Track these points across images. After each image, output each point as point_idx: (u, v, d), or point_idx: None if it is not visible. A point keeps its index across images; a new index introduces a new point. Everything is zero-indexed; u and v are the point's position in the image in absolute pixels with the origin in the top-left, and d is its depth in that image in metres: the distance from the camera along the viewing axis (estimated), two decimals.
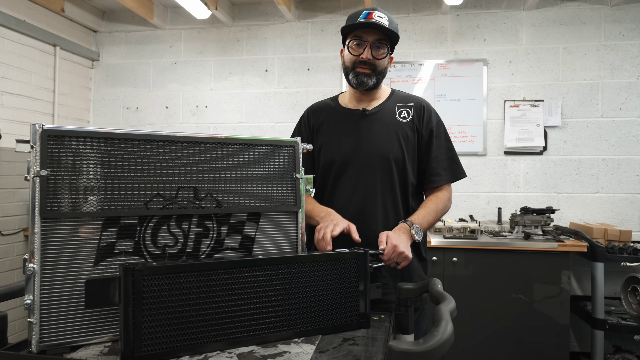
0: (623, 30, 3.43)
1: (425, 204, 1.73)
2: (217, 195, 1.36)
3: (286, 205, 1.46)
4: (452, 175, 1.76)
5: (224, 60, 3.95)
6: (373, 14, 1.61)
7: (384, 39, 1.62)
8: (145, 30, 4.08)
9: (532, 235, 2.97)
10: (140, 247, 1.27)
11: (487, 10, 3.60)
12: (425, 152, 1.74)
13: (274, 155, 1.45)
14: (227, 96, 3.94)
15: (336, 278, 1.35)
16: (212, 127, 3.95)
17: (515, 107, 3.53)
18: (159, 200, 1.28)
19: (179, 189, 1.31)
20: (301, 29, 3.85)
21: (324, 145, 1.76)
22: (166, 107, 4.03)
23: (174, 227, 1.32)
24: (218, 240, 1.38)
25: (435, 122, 1.76)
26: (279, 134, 3.86)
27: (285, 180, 1.47)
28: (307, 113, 1.88)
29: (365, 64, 1.64)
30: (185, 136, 1.32)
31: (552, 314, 2.87)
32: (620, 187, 3.43)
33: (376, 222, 1.69)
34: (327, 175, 1.76)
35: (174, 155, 1.29)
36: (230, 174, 1.37)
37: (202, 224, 1.36)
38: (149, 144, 1.26)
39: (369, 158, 1.70)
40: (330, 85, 3.79)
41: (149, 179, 1.26)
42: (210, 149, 1.36)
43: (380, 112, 1.74)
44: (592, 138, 3.47)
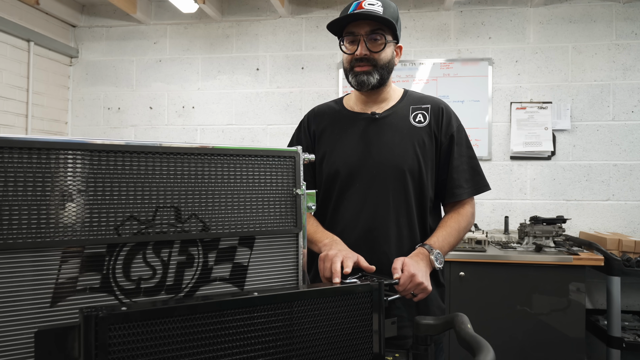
0: (635, 28, 3.25)
1: (445, 222, 1.50)
2: (203, 216, 1.13)
3: (285, 226, 1.23)
4: (475, 188, 1.54)
5: (213, 58, 3.71)
6: (363, 3, 1.39)
7: (379, 28, 1.40)
8: (128, 26, 3.81)
9: (543, 247, 2.78)
10: (109, 282, 1.03)
11: (493, 6, 3.40)
12: (445, 162, 1.51)
13: (271, 167, 1.22)
14: (215, 96, 3.70)
15: (346, 316, 1.13)
16: (199, 129, 3.70)
17: (522, 109, 3.34)
18: (132, 224, 1.04)
19: (157, 209, 1.08)
20: (295, 25, 3.62)
21: (327, 154, 1.53)
22: (150, 108, 3.77)
23: (151, 255, 1.08)
24: (204, 270, 1.14)
25: (456, 126, 1.54)
26: (271, 136, 3.62)
27: (283, 197, 1.23)
28: (308, 118, 1.64)
29: (362, 61, 1.42)
30: (164, 146, 1.08)
31: (566, 330, 2.67)
32: (632, 195, 3.26)
33: (388, 244, 1.46)
34: (330, 188, 1.53)
35: (151, 169, 1.06)
36: (219, 191, 1.14)
37: (186, 250, 1.12)
38: (120, 156, 1.03)
39: (379, 169, 1.47)
40: (326, 85, 3.56)
41: (120, 198, 1.02)
42: (194, 162, 1.12)
43: (392, 116, 1.51)
44: (602, 142, 3.29)
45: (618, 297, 2.71)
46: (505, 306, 2.71)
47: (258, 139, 3.64)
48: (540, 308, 2.70)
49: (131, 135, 3.78)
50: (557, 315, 2.68)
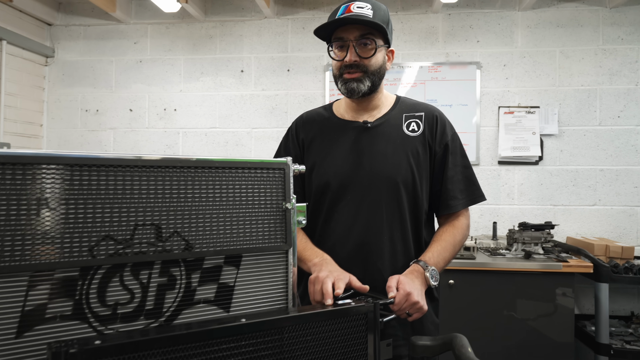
0: (622, 33, 3.26)
1: (440, 236, 1.44)
2: (186, 234, 1.05)
3: (274, 243, 1.15)
4: (470, 199, 1.48)
5: (195, 59, 3.60)
6: (352, 6, 1.32)
7: (369, 32, 1.33)
8: (107, 25, 3.68)
9: (532, 254, 2.75)
10: (82, 308, 0.94)
11: (481, 9, 3.37)
12: (439, 172, 1.45)
13: (259, 180, 1.15)
14: (198, 98, 3.59)
15: (340, 339, 1.06)
16: (181, 133, 3.59)
17: (510, 113, 3.32)
18: (108, 244, 0.96)
19: (136, 227, 0.99)
20: (281, 26, 3.54)
21: (316, 165, 1.45)
22: (130, 110, 3.64)
23: (129, 278, 1.00)
24: (187, 292, 1.06)
25: (451, 135, 1.48)
26: (256, 140, 3.53)
27: (272, 212, 1.16)
28: (296, 125, 1.56)
29: (352, 68, 1.35)
30: (144, 159, 1.00)
31: (555, 336, 2.65)
32: (618, 200, 3.26)
33: (382, 260, 1.39)
34: (320, 200, 1.46)
35: (129, 184, 0.97)
36: (203, 206, 1.06)
37: (167, 272, 1.04)
38: (94, 170, 0.94)
39: (372, 181, 1.40)
40: (312, 88, 3.49)
41: (95, 216, 0.94)
42: (176, 175, 1.04)
43: (384, 125, 1.45)
44: (589, 147, 3.28)
45: (606, 304, 2.69)
46: (495, 314, 2.68)
47: (242, 143, 3.54)
48: (529, 315, 2.67)
49: (110, 139, 3.64)
50: (546, 322, 2.66)
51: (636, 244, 3.23)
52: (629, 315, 3.17)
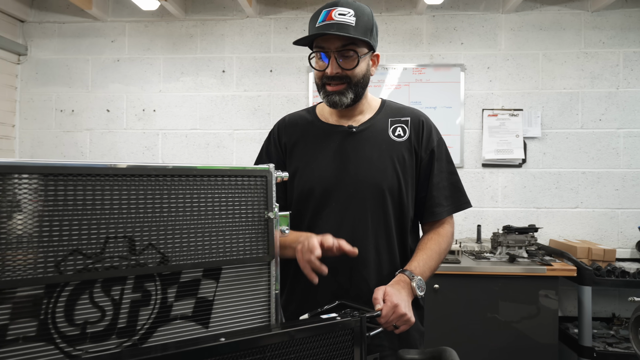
0: (603, 37, 3.28)
1: (425, 244, 1.40)
2: (161, 247, 0.99)
3: (255, 254, 1.10)
4: (455, 206, 1.45)
5: (175, 59, 3.50)
6: (332, 13, 1.26)
7: (352, 42, 1.28)
8: (83, 22, 3.56)
9: (517, 257, 2.74)
10: (47, 329, 0.88)
11: (465, 11, 3.36)
12: (424, 178, 1.42)
13: (239, 189, 1.09)
14: (178, 99, 3.50)
15: (326, 355, 1.01)
16: (160, 134, 3.49)
17: (494, 116, 3.31)
18: (77, 259, 0.89)
19: (107, 240, 0.93)
20: (263, 26, 3.47)
21: (299, 170, 1.40)
22: (107, 111, 3.53)
23: (99, 295, 0.93)
24: (163, 308, 1.00)
25: (437, 140, 1.44)
26: (238, 142, 3.45)
27: (253, 222, 1.11)
28: (278, 128, 1.50)
29: (334, 79, 1.30)
30: (116, 167, 0.93)
31: (540, 338, 2.65)
32: (599, 202, 3.29)
33: (367, 269, 1.35)
34: (303, 208, 1.41)
35: (99, 194, 0.91)
36: (180, 217, 1.00)
37: (141, 287, 0.98)
38: (61, 180, 0.87)
39: (357, 187, 1.36)
40: (295, 89, 3.43)
41: (62, 228, 0.87)
42: (151, 184, 0.98)
43: (369, 130, 1.40)
44: (571, 150, 3.30)
45: (589, 306, 2.70)
46: (480, 317, 2.66)
47: (224, 145, 3.46)
48: (514, 318, 2.66)
49: (86, 140, 3.52)
50: (530, 325, 2.65)
51: (617, 246, 3.25)
52: (610, 317, 3.19)
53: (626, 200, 3.27)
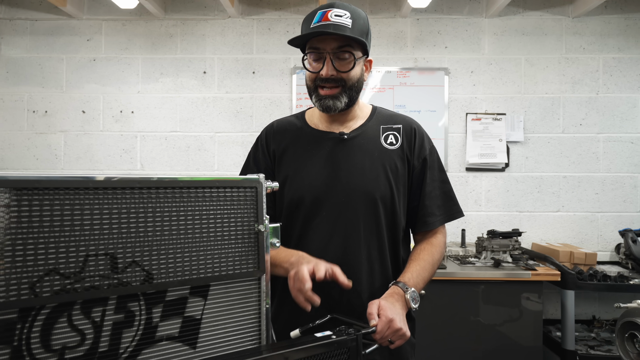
0: (584, 43, 3.33)
1: (418, 254, 1.37)
2: (145, 264, 0.93)
3: (245, 269, 1.05)
4: (447, 215, 1.42)
5: (154, 59, 3.40)
6: (329, 14, 1.23)
7: (348, 44, 1.25)
8: (57, 20, 3.42)
9: (501, 262, 2.75)
10: (21, 356, 0.81)
11: (449, 15, 3.36)
12: (417, 187, 1.39)
13: (228, 201, 1.04)
14: (157, 100, 3.39)
15: None
16: (139, 136, 3.38)
17: (477, 120, 3.32)
18: (54, 280, 0.83)
19: (87, 258, 0.87)
20: (245, 27, 3.40)
21: (289, 178, 1.36)
22: (83, 112, 3.40)
23: (78, 317, 0.87)
24: (148, 329, 0.95)
25: (429, 148, 1.42)
26: (220, 145, 3.37)
27: (243, 235, 1.05)
28: (266, 134, 1.45)
29: (329, 82, 1.27)
30: (96, 180, 0.87)
31: (525, 342, 2.66)
32: (580, 206, 3.33)
33: (359, 281, 1.31)
34: (293, 216, 1.36)
35: (78, 209, 0.84)
36: (167, 232, 0.94)
37: (124, 307, 0.92)
38: (36, 194, 0.80)
39: (349, 196, 1.31)
40: (278, 92, 3.37)
41: (37, 247, 0.81)
42: (134, 198, 0.91)
43: (361, 137, 1.36)
44: (553, 154, 3.33)
45: (572, 310, 2.73)
46: (466, 322, 2.65)
47: (205, 148, 3.37)
48: (499, 323, 2.66)
49: (60, 142, 3.39)
50: (515, 329, 2.66)
51: (597, 249, 3.30)
52: (591, 319, 3.23)
53: (605, 204, 3.32)
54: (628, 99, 3.32)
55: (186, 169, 3.37)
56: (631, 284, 2.73)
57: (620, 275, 2.78)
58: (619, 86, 3.32)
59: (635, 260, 2.90)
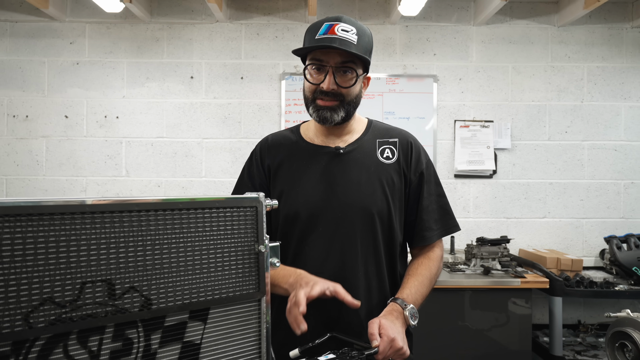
0: (569, 52, 3.38)
1: (415, 270, 1.36)
2: (144, 289, 0.89)
3: (245, 291, 1.02)
4: (444, 229, 1.42)
5: (140, 63, 3.33)
6: (335, 27, 1.22)
7: (351, 60, 1.24)
8: (38, 22, 3.33)
9: (491, 269, 2.76)
10: None
11: (437, 23, 3.37)
12: (414, 201, 1.38)
13: (228, 221, 1.01)
14: (143, 105, 3.33)
15: None
16: (124, 142, 3.31)
17: (466, 127, 3.34)
18: (48, 309, 0.79)
19: (84, 285, 0.83)
20: (234, 31, 3.36)
21: (284, 193, 1.34)
22: (66, 117, 3.31)
23: (74, 347, 0.83)
24: (147, 356, 0.91)
25: (425, 162, 1.41)
26: (207, 151, 3.32)
27: (243, 256, 1.02)
28: (260, 148, 1.43)
29: (328, 95, 1.26)
30: (90, 204, 0.83)
31: (514, 350, 2.68)
32: (566, 212, 3.37)
33: (357, 297, 1.29)
34: (289, 232, 1.34)
35: (74, 234, 0.80)
36: (165, 255, 0.91)
37: (122, 335, 0.88)
38: (26, 220, 0.76)
39: (345, 211, 1.30)
40: (267, 97, 3.34)
41: (31, 275, 0.77)
42: (131, 221, 0.88)
43: (357, 151, 1.35)
44: (539, 161, 3.38)
45: (560, 317, 2.76)
46: (456, 330, 2.66)
47: (192, 154, 3.32)
48: (489, 330, 2.68)
49: (42, 148, 3.30)
50: (505, 336, 2.68)
51: (582, 254, 3.35)
52: (576, 323, 3.28)
53: (590, 210, 3.37)
54: (611, 107, 3.38)
55: (173, 176, 3.31)
56: (617, 290, 2.77)
57: (606, 282, 2.83)
58: (603, 94, 3.38)
59: (620, 267, 2.95)
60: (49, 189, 3.30)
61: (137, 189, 3.30)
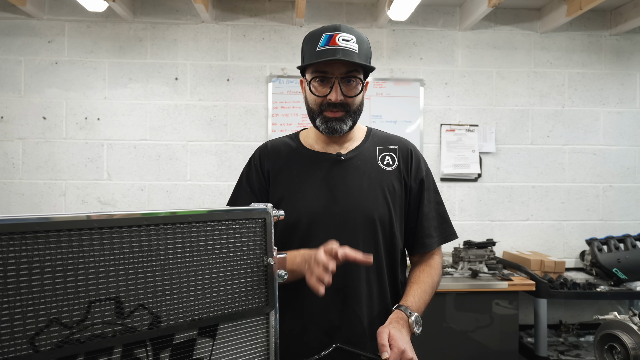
0: (551, 58, 3.45)
1: (417, 277, 1.36)
2: (152, 306, 0.86)
3: (254, 305, 1.00)
4: (443, 237, 1.42)
5: (123, 63, 3.24)
6: (336, 38, 1.21)
7: (355, 69, 1.24)
8: (14, 19, 3.20)
9: (479, 272, 2.80)
10: None
11: (424, 27, 3.40)
12: (414, 209, 1.38)
13: (237, 233, 0.99)
14: (126, 107, 3.24)
15: None
16: (106, 144, 3.22)
17: (452, 131, 3.38)
18: (54, 331, 0.75)
19: (91, 304, 0.79)
20: (219, 32, 3.30)
21: (284, 199, 1.32)
22: (44, 118, 3.20)
23: None
24: None
25: (425, 170, 1.42)
26: (192, 154, 3.26)
27: (252, 270, 1.00)
28: (260, 154, 1.41)
29: (336, 106, 1.25)
30: (95, 219, 0.80)
31: (501, 351, 2.72)
32: (548, 215, 3.45)
33: (360, 305, 1.29)
34: (289, 239, 1.32)
35: (78, 251, 0.77)
36: (174, 270, 0.88)
37: (130, 355, 0.85)
38: (30, 238, 0.72)
39: (347, 218, 1.29)
40: (254, 100, 3.30)
41: (36, 296, 0.73)
42: (140, 235, 0.85)
43: (358, 158, 1.35)
44: (523, 165, 3.44)
45: (545, 318, 2.81)
46: (446, 333, 2.68)
47: (177, 157, 3.25)
48: (477, 332, 2.71)
49: (18, 150, 3.17)
50: (492, 338, 2.72)
51: (563, 255, 3.43)
52: (558, 323, 3.35)
53: (571, 213, 3.45)
54: (591, 112, 3.47)
55: (157, 179, 3.23)
56: (598, 291, 2.85)
57: (588, 283, 2.90)
58: (583, 100, 3.47)
59: (600, 268, 3.03)
60: (25, 192, 3.18)
61: (120, 192, 3.21)
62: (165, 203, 3.22)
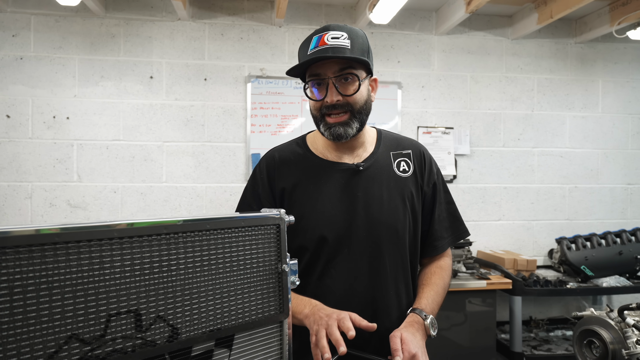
0: (521, 63, 3.58)
1: (429, 279, 1.35)
2: (171, 318, 0.83)
3: (268, 313, 0.98)
4: (455, 236, 1.41)
5: (94, 60, 3.11)
6: (325, 37, 1.16)
7: (349, 65, 1.18)
8: None
9: (457, 272, 2.86)
10: None
11: (401, 31, 3.44)
12: (428, 212, 1.36)
13: (253, 240, 0.97)
14: (97, 106, 3.11)
15: None
16: (76, 145, 3.08)
17: (428, 133, 3.44)
18: (73, 347, 0.71)
19: (110, 318, 0.75)
20: (197, 31, 3.23)
21: (304, 218, 1.25)
22: (7, 116, 3.02)
23: None
24: None
25: (436, 171, 1.40)
26: (168, 155, 3.17)
27: (266, 277, 0.99)
28: (267, 166, 1.33)
29: (336, 108, 1.19)
30: (115, 228, 0.76)
31: (479, 348, 2.79)
32: (518, 215, 3.57)
33: (390, 318, 1.26)
34: (313, 256, 1.27)
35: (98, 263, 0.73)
36: (191, 279, 0.86)
37: None
38: (49, 250, 0.68)
39: (370, 230, 1.25)
40: (232, 100, 3.24)
41: (54, 311, 0.69)
42: (159, 244, 0.82)
43: (374, 166, 1.30)
44: (495, 167, 3.55)
45: (520, 315, 2.91)
46: None
47: (152, 158, 3.15)
48: (455, 331, 2.77)
49: None
50: (470, 336, 2.79)
51: (532, 254, 3.56)
52: (528, 319, 3.48)
53: (539, 213, 3.59)
54: (558, 116, 3.62)
55: (130, 181, 3.12)
56: (569, 288, 2.97)
57: (560, 281, 3.03)
58: (551, 104, 3.61)
59: (569, 265, 3.16)
60: None
61: (91, 195, 3.08)
62: (139, 206, 3.11)
